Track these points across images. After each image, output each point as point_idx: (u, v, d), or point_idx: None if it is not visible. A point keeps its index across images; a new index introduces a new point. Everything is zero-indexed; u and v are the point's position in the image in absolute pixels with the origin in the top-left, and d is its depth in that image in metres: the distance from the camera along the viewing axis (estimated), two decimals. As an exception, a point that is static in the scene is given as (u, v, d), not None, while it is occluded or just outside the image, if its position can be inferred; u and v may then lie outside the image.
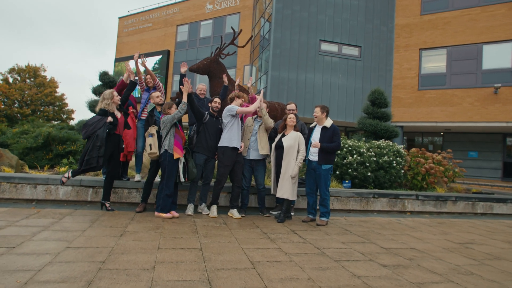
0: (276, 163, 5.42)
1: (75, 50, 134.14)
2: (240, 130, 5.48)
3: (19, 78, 32.75)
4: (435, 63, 16.72)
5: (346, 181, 7.44)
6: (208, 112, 5.53)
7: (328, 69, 16.53)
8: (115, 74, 24.91)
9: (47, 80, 33.43)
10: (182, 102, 5.12)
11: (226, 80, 6.55)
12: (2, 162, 6.62)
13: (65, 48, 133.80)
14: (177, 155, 5.02)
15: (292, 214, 5.79)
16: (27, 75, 32.93)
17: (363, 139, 9.17)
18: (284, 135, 5.43)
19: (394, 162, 7.73)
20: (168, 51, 25.49)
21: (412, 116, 16.73)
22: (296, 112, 5.90)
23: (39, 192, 5.50)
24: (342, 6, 16.81)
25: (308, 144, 5.45)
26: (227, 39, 7.73)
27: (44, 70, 33.88)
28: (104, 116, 4.95)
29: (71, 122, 30.92)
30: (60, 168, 6.82)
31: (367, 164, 7.50)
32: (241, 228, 4.69)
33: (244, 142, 5.56)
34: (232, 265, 3.18)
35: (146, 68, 6.14)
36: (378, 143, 8.17)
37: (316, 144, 5.24)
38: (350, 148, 7.71)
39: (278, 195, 5.25)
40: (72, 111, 34.95)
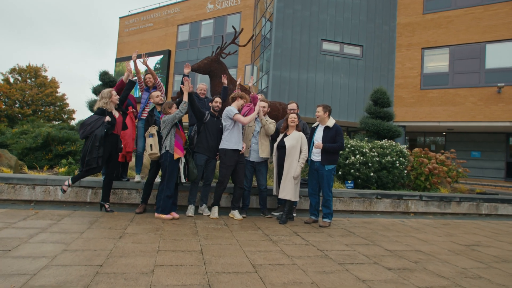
0: (278, 163, 5.33)
1: (76, 50, 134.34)
2: (241, 132, 5.39)
3: (20, 78, 32.72)
4: (438, 62, 16.60)
5: (349, 181, 7.35)
6: (209, 112, 5.45)
7: (330, 68, 16.43)
8: (116, 74, 24.89)
9: (48, 80, 33.40)
10: (183, 102, 5.04)
11: (226, 81, 6.42)
12: (1, 163, 6.55)
13: (66, 48, 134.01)
14: (177, 155, 4.94)
15: (294, 215, 5.70)
16: (28, 75, 32.90)
17: (365, 139, 9.07)
18: (286, 135, 5.34)
19: (397, 162, 7.63)
20: (169, 51, 25.43)
21: (414, 116, 16.62)
22: (298, 112, 5.81)
23: (38, 193, 5.43)
24: (343, 5, 16.71)
25: (310, 144, 5.36)
26: (228, 39, 7.65)
27: (45, 70, 33.86)
28: (102, 116, 4.87)
29: (72, 122, 30.88)
30: (60, 169, 6.74)
31: (370, 164, 7.41)
32: (242, 230, 4.61)
33: (245, 143, 5.48)
34: (233, 268, 3.10)
35: (148, 67, 6.06)
36: (380, 143, 8.08)
37: (318, 145, 5.15)
38: (352, 148, 7.62)
39: (280, 196, 5.16)
40: (73, 111, 34.93)
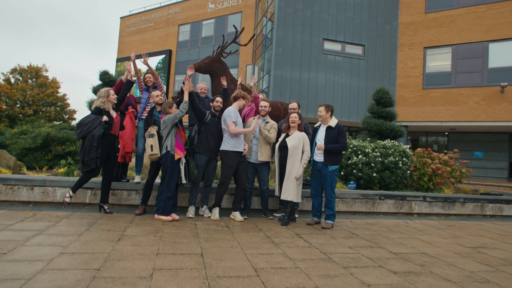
0: (280, 164, 5.24)
1: (77, 50, 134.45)
2: (242, 134, 5.29)
3: (21, 79, 32.69)
4: (440, 61, 16.49)
5: (351, 182, 7.26)
6: (209, 112, 5.36)
7: (331, 68, 16.33)
8: (117, 74, 24.85)
9: (49, 80, 33.36)
10: (183, 101, 4.96)
11: (225, 82, 6.29)
12: (0, 163, 6.48)
13: (66, 49, 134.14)
14: (178, 156, 4.86)
15: (296, 216, 5.62)
16: (29, 76, 32.87)
17: (368, 139, 8.98)
18: (288, 135, 5.26)
19: (400, 162, 7.53)
20: (170, 51, 25.36)
21: (417, 116, 16.51)
22: (299, 111, 5.72)
23: (36, 194, 5.35)
24: (345, 4, 16.60)
25: (312, 144, 5.27)
26: (229, 38, 7.56)
27: (46, 71, 33.80)
28: (99, 115, 4.78)
29: (73, 122, 30.84)
30: (59, 169, 6.67)
31: (373, 165, 7.32)
32: (243, 232, 4.52)
33: (247, 144, 5.39)
34: (234, 272, 3.01)
35: (149, 67, 6.00)
36: (383, 143, 7.99)
37: (320, 146, 5.07)
38: (355, 148, 7.52)
39: (282, 197, 5.08)
40: (74, 112, 34.87)
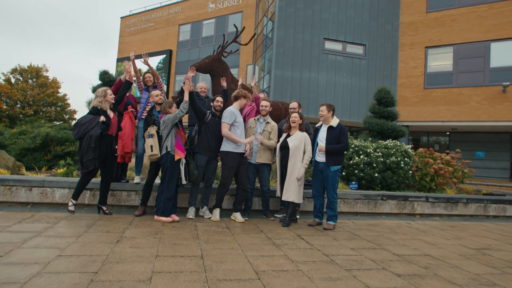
0: (282, 164, 5.18)
1: (77, 50, 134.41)
2: (243, 134, 5.23)
3: (21, 79, 32.66)
4: (441, 61, 16.41)
5: (353, 182, 7.19)
6: (210, 112, 5.30)
7: (332, 68, 16.26)
8: (117, 74, 24.77)
9: (49, 80, 33.33)
10: (183, 101, 4.90)
11: (225, 84, 6.21)
12: (-2, 164, 6.43)
13: (67, 49, 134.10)
14: (178, 156, 4.80)
15: (298, 217, 5.55)
16: (29, 76, 32.84)
17: (369, 139, 8.92)
18: (289, 135, 5.19)
19: (402, 162, 7.47)
20: (170, 51, 25.31)
21: (418, 116, 16.43)
22: (300, 111, 5.64)
23: (35, 195, 5.29)
24: (346, 4, 16.53)
25: (314, 144, 5.21)
26: (229, 38, 7.51)
27: (47, 71, 33.76)
28: (96, 116, 4.72)
29: (73, 122, 30.80)
30: (58, 170, 6.61)
31: (374, 165, 7.25)
32: (244, 233, 4.46)
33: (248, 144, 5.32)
34: (235, 275, 2.95)
35: (150, 67, 5.96)
36: (385, 143, 7.92)
37: (321, 148, 5.01)
38: (356, 148, 7.46)
39: (284, 198, 5.01)
40: (75, 112, 34.84)
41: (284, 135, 5.28)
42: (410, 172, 7.69)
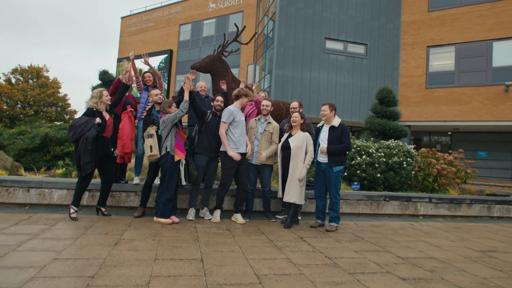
0: (283, 165, 5.09)
1: (78, 50, 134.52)
2: (243, 133, 5.14)
3: (21, 79, 32.61)
4: (443, 60, 16.31)
5: (355, 183, 7.11)
6: (210, 112, 5.21)
7: (334, 67, 16.17)
8: (117, 75, 24.71)
9: (50, 80, 33.28)
10: (184, 101, 4.82)
11: (225, 86, 6.11)
12: (-4, 164, 6.35)
13: (67, 49, 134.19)
14: (178, 157, 4.72)
15: (299, 218, 5.47)
16: (29, 76, 32.78)
17: (371, 139, 8.83)
18: (290, 135, 5.11)
19: (405, 163, 7.38)
20: (171, 51, 25.24)
21: (420, 115, 16.33)
22: (301, 110, 5.54)
23: (32, 196, 5.21)
24: (347, 3, 16.44)
25: (316, 144, 5.12)
26: (230, 38, 7.42)
27: (47, 71, 33.70)
28: (92, 117, 4.61)
29: (74, 122, 30.63)
30: (56, 170, 6.54)
31: (376, 165, 7.16)
32: (245, 235, 4.38)
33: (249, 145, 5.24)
34: (236, 279, 2.87)
35: (151, 67, 5.89)
36: (387, 143, 7.83)
37: (322, 149, 4.92)
38: (358, 148, 7.37)
39: (285, 199, 4.93)
40: (75, 112, 34.77)
41: (285, 135, 5.19)
42: (413, 172, 7.60)
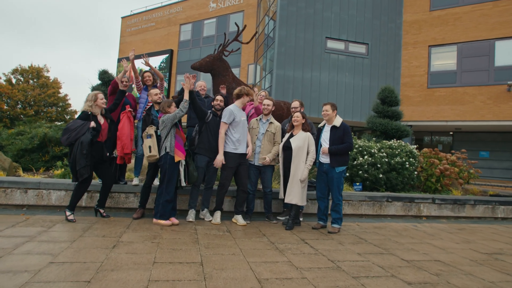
0: (285, 165, 5.01)
1: (78, 50, 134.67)
2: (244, 133, 5.07)
3: (22, 79, 32.57)
4: (445, 60, 16.20)
5: (357, 183, 7.02)
6: (211, 111, 5.13)
7: (335, 67, 16.08)
8: (118, 75, 24.64)
9: (50, 80, 33.23)
10: (183, 100, 4.74)
11: (224, 91, 6.04)
12: (-6, 165, 6.28)
13: (67, 49, 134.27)
14: (178, 157, 4.63)
15: (301, 219, 5.38)
16: (30, 76, 32.74)
17: (373, 139, 8.74)
18: (292, 135, 5.02)
19: (407, 163, 7.29)
20: (171, 51, 25.17)
21: (421, 115, 16.23)
22: (302, 110, 5.45)
23: (30, 197, 5.14)
24: (348, 2, 16.35)
25: (318, 144, 5.04)
26: (230, 37, 7.35)
27: (47, 71, 33.65)
28: (86, 121, 4.50)
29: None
30: (55, 171, 6.47)
31: (379, 166, 7.08)
32: (246, 237, 4.30)
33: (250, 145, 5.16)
34: (236, 284, 2.79)
35: (152, 68, 5.82)
36: (389, 143, 7.75)
37: (324, 150, 4.84)
38: (360, 148, 7.29)
39: (287, 200, 4.85)
40: (75, 112, 34.70)
41: (287, 135, 5.11)
42: (415, 172, 7.52)
